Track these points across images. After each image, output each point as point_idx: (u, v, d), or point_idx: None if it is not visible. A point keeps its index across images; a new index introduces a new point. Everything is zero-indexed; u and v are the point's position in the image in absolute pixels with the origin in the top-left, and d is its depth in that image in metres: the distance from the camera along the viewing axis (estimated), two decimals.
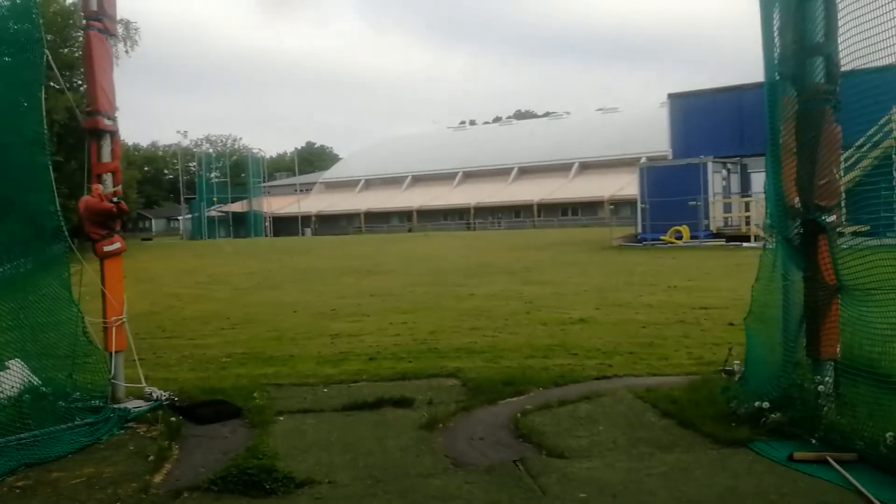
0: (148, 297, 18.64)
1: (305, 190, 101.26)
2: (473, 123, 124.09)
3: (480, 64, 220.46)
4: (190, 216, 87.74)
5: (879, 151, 6.41)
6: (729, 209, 37.19)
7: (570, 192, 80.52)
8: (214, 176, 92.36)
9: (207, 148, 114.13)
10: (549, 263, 25.28)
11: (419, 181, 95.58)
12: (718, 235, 34.42)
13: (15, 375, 6.33)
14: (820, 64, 5.59)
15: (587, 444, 5.63)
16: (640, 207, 37.31)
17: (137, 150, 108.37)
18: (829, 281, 5.53)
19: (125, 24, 48.62)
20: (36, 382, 6.51)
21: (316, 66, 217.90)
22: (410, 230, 78.26)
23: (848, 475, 4.64)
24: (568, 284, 17.97)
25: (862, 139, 6.44)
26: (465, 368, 8.22)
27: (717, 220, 35.81)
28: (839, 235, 5.56)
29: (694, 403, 6.31)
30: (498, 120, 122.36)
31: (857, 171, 6.40)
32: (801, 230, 5.74)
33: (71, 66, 35.08)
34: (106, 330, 6.99)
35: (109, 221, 6.92)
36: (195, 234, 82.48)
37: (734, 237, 33.56)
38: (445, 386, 7.55)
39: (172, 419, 6.42)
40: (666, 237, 34.20)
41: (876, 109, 5.73)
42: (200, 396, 7.18)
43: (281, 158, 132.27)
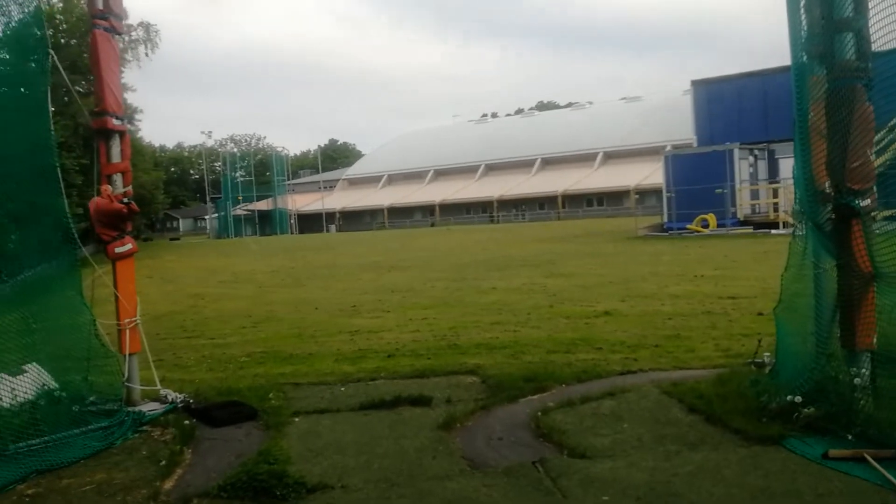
0: (171, 296, 18.72)
1: (329, 187, 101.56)
2: (495, 116, 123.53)
3: (502, 57, 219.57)
4: (216, 215, 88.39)
5: None
6: (756, 196, 36.56)
7: (594, 182, 79.88)
8: (239, 175, 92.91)
9: (232, 147, 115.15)
10: (573, 255, 24.99)
11: (441, 175, 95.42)
12: (746, 223, 33.86)
13: (32, 380, 6.26)
14: (850, 40, 5.31)
15: (610, 442, 5.42)
16: (665, 196, 36.81)
17: (163, 151, 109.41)
18: (864, 268, 5.26)
19: (145, 26, 49.11)
20: (52, 386, 6.44)
21: (338, 63, 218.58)
22: (433, 224, 78.16)
23: (887, 473, 4.40)
24: (592, 276, 17.70)
25: (894, 120, 6.14)
26: (485, 365, 8.04)
27: (744, 207, 35.21)
28: (872, 221, 5.29)
29: (722, 398, 6.08)
30: (520, 112, 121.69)
31: (889, 152, 6.10)
32: (832, 215, 5.47)
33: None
34: (119, 332, 6.89)
35: (120, 222, 6.81)
36: (221, 232, 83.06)
37: (762, 224, 33.00)
38: (465, 383, 7.37)
39: (186, 422, 6.31)
40: (692, 226, 33.73)
41: None
42: (216, 398, 7.07)
43: (304, 156, 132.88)
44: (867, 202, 5.27)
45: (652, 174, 63.83)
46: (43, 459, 5.44)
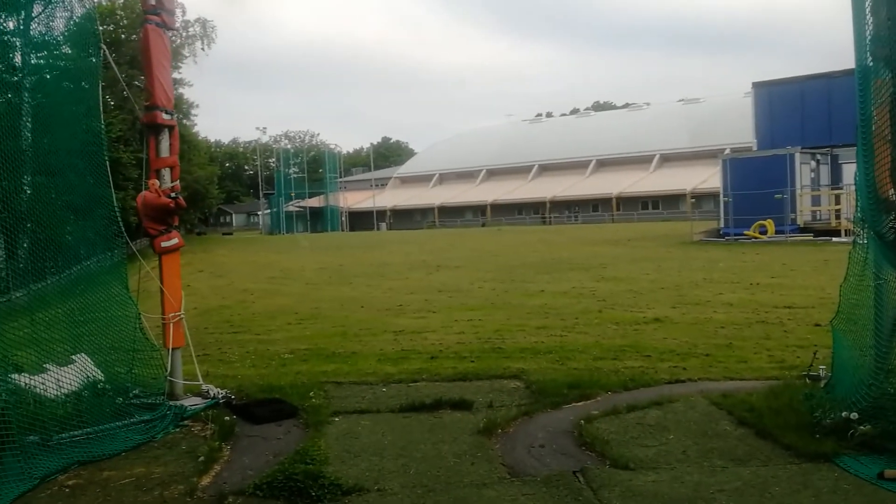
0: (221, 291, 18.97)
1: (381, 185, 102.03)
2: (550, 116, 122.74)
3: (559, 56, 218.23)
4: (269, 211, 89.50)
5: None
6: (817, 202, 35.53)
7: (650, 185, 78.66)
8: (293, 171, 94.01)
9: (286, 144, 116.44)
10: (625, 259, 24.61)
11: (493, 175, 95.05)
12: (806, 230, 32.95)
13: (78, 371, 6.35)
14: None
15: (654, 454, 5.26)
16: (722, 201, 36.01)
17: (219, 146, 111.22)
18: None
19: (202, 22, 49.91)
20: (97, 378, 6.53)
21: (392, 60, 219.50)
22: (484, 224, 77.94)
23: None
24: (644, 281, 17.38)
25: None
26: (529, 370, 7.92)
27: (804, 213, 34.26)
28: None
29: (774, 411, 5.88)
30: (575, 112, 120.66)
31: None
32: (895, 225, 5.22)
33: None
34: (164, 326, 6.96)
35: (167, 217, 6.89)
36: (274, 228, 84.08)
37: (823, 232, 32.07)
38: (507, 388, 7.27)
39: (227, 418, 6.34)
40: (750, 232, 32.95)
41: None
42: (258, 394, 7.11)
43: (357, 154, 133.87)
44: None
45: (709, 178, 62.60)
46: (85, 451, 5.52)
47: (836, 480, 4.65)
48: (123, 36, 39.73)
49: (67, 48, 7.08)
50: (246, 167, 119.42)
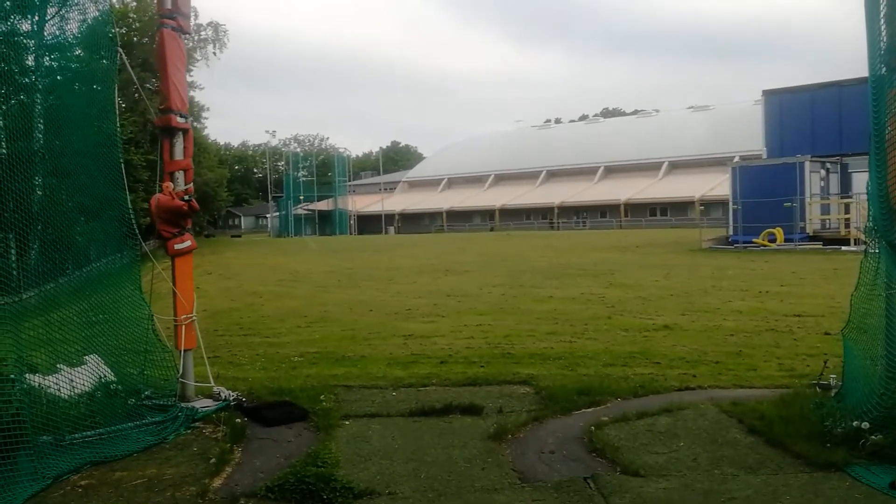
0: (230, 293, 19.03)
1: (389, 189, 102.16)
2: (559, 122, 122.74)
3: (568, 62, 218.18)
4: (277, 214, 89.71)
5: None
6: (827, 211, 35.41)
7: (658, 191, 78.51)
8: (301, 175, 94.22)
9: (295, 147, 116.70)
10: (633, 266, 24.57)
11: (502, 180, 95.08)
12: (815, 238, 32.82)
13: (90, 371, 6.39)
14: None
15: (665, 461, 5.26)
16: (731, 208, 35.91)
17: (228, 149, 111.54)
18: None
19: (214, 26, 50.20)
20: (110, 378, 6.56)
21: (402, 65, 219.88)
22: (492, 229, 77.90)
23: None
24: (653, 288, 17.36)
25: None
26: (538, 375, 7.93)
27: (813, 222, 34.12)
28: None
29: (784, 420, 5.87)
30: (584, 118, 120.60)
31: None
32: None
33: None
34: (176, 328, 6.99)
35: (180, 219, 6.92)
36: (282, 231, 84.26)
37: (832, 240, 31.95)
38: (517, 393, 7.27)
39: (238, 420, 6.36)
40: (759, 240, 32.84)
41: None
42: (269, 397, 7.14)
43: (366, 157, 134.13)
44: None
45: (718, 185, 62.45)
46: (98, 451, 5.55)
47: (847, 490, 4.64)
48: (136, 38, 39.93)
49: (81, 50, 7.14)
50: (255, 170, 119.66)
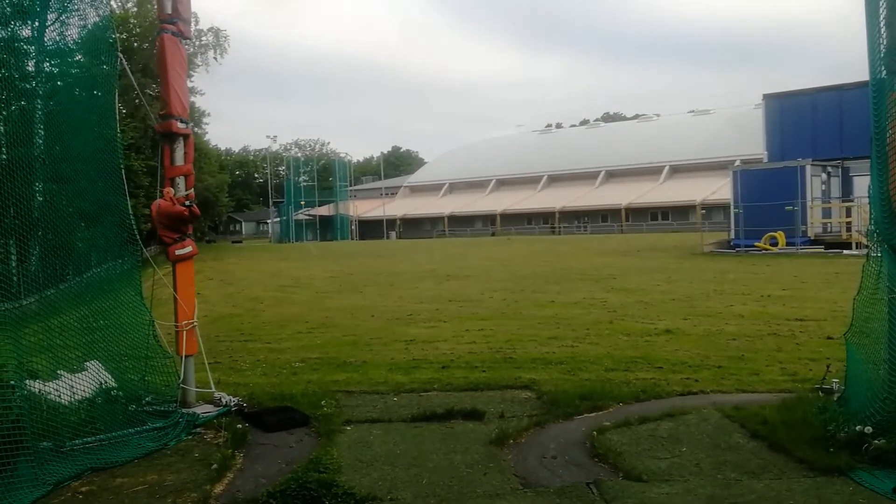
0: (231, 299, 19.01)
1: (391, 194, 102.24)
2: (560, 126, 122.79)
3: (570, 68, 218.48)
4: (278, 219, 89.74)
5: None
6: (828, 214, 35.41)
7: (659, 195, 78.54)
8: (302, 180, 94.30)
9: (296, 152, 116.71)
10: (635, 270, 24.55)
11: (503, 185, 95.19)
12: (817, 242, 32.83)
13: (91, 377, 6.37)
14: None
15: (667, 466, 5.24)
16: (733, 212, 35.93)
17: (229, 154, 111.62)
18: None
19: (215, 31, 50.27)
20: (111, 384, 6.54)
21: (404, 70, 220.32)
22: (494, 234, 77.92)
23: None
24: (655, 293, 17.34)
25: None
26: (540, 380, 7.91)
27: (815, 226, 34.13)
28: None
29: (787, 425, 5.85)
30: (585, 123, 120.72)
31: None
32: None
33: None
34: (177, 333, 6.98)
35: (181, 225, 6.91)
36: (283, 236, 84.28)
37: (834, 244, 31.94)
38: (519, 398, 7.25)
39: (239, 426, 6.34)
40: (760, 244, 32.84)
41: None
42: (270, 402, 7.12)
43: (367, 162, 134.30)
44: None
45: (719, 189, 62.51)
46: (98, 457, 5.53)
47: (850, 494, 4.62)
48: (136, 44, 40.00)
49: (81, 56, 7.14)
50: (256, 175, 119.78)
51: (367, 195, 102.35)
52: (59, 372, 6.02)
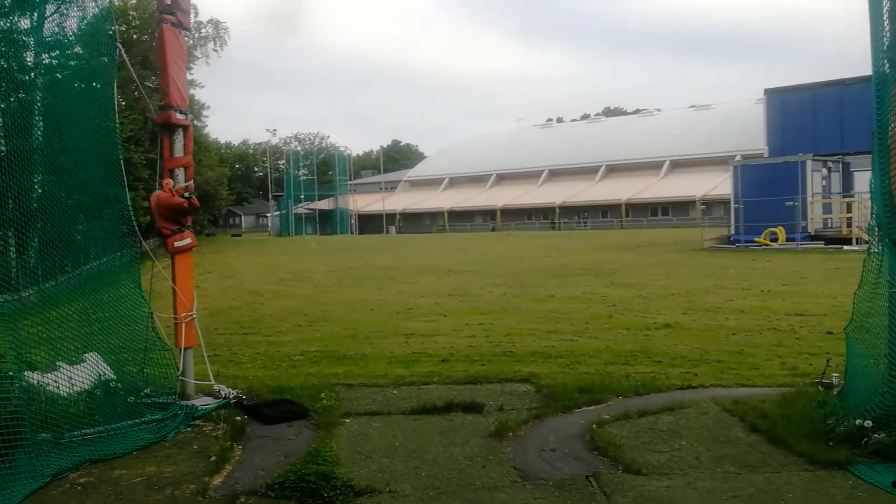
0: (231, 292, 19.01)
1: (390, 188, 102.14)
2: (561, 121, 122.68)
3: (570, 61, 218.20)
4: (278, 213, 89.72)
5: None
6: (829, 210, 35.37)
7: (660, 191, 78.48)
8: (302, 173, 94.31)
9: (296, 146, 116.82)
10: (635, 265, 24.54)
11: (503, 180, 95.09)
12: (817, 238, 32.79)
13: (90, 369, 6.36)
14: None
15: (667, 459, 5.24)
16: (733, 207, 35.87)
17: (229, 148, 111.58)
18: None
19: (215, 24, 50.23)
20: (110, 376, 6.54)
21: (404, 64, 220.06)
22: (494, 229, 77.88)
23: None
24: (654, 287, 17.33)
25: None
26: (539, 374, 7.90)
27: (815, 221, 34.08)
28: None
29: (786, 419, 5.85)
30: (586, 117, 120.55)
31: None
32: None
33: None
34: (176, 326, 6.96)
35: (180, 217, 6.89)
36: (283, 230, 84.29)
37: (834, 240, 31.94)
38: (518, 391, 7.24)
39: (238, 418, 6.34)
40: (760, 239, 32.82)
41: None
42: (269, 395, 7.11)
43: (367, 156, 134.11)
44: None
45: (720, 185, 62.49)
46: (96, 449, 5.52)
47: (850, 488, 4.62)
48: (135, 36, 39.90)
49: (80, 48, 7.11)
50: (255, 169, 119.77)
51: (366, 189, 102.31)
52: (57, 363, 6.02)
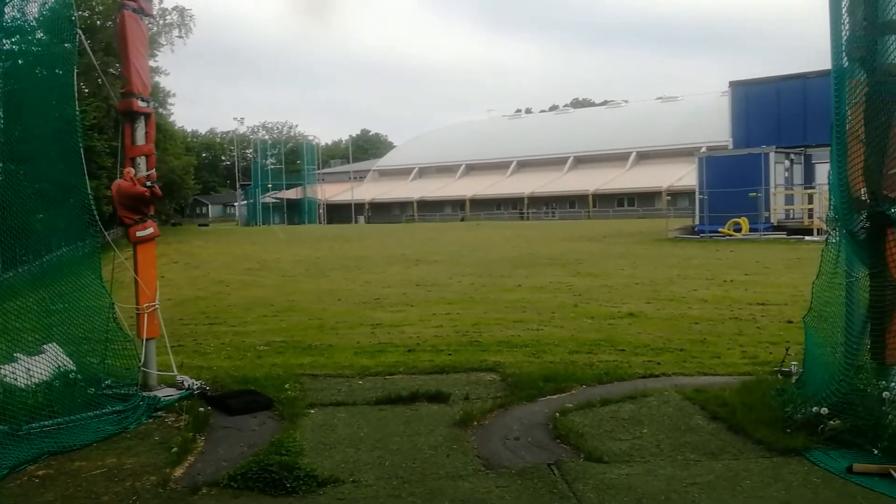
0: (197, 282, 18.83)
1: (359, 177, 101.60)
2: (529, 112, 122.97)
3: (539, 52, 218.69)
4: (245, 202, 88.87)
5: None
6: (791, 201, 35.95)
7: (626, 182, 79.13)
8: (270, 163, 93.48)
9: (263, 135, 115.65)
10: (601, 255, 24.74)
11: (473, 170, 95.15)
12: (779, 228, 33.32)
13: (48, 360, 6.27)
14: (893, 43, 5.14)
15: (628, 447, 5.30)
16: (698, 198, 36.33)
17: (195, 136, 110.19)
18: None
19: (180, 11, 49.47)
20: (69, 367, 6.44)
21: (372, 53, 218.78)
22: (463, 219, 77.92)
23: None
24: (619, 277, 17.50)
25: None
26: (505, 363, 7.94)
27: (778, 212, 34.63)
28: None
29: (746, 406, 5.94)
30: (554, 109, 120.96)
31: None
32: (867, 223, 5.30)
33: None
34: (138, 316, 6.88)
35: (142, 206, 6.80)
36: (250, 220, 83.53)
37: (796, 230, 32.47)
38: (484, 381, 7.28)
39: (201, 409, 6.29)
40: (724, 229, 33.26)
41: None
42: (233, 386, 7.06)
43: (336, 146, 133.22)
44: None
45: (685, 176, 63.17)
46: (56, 441, 5.44)
47: (806, 474, 4.71)
48: (98, 22, 39.18)
49: (41, 34, 6.97)
50: (223, 158, 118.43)
51: (335, 178, 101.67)
52: (15, 355, 5.92)
